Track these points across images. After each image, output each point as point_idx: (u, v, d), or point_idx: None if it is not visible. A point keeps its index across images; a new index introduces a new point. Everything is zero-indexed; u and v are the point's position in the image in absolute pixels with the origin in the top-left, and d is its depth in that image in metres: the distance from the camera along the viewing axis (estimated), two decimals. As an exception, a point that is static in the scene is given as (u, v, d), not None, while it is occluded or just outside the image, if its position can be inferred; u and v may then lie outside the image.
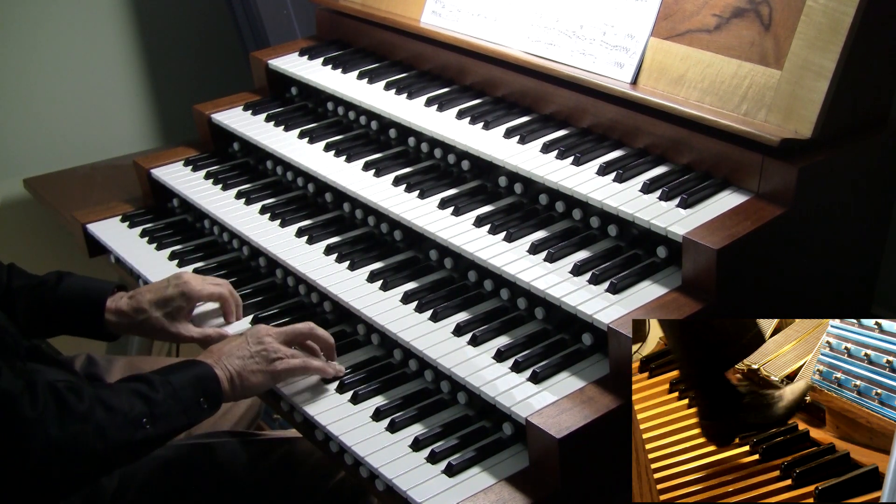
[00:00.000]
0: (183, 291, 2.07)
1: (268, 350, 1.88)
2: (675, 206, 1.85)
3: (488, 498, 1.63)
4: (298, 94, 2.73)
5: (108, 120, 3.55)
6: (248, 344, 1.89)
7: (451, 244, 2.00)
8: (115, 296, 2.08)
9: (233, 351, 1.87)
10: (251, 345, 1.88)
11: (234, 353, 1.87)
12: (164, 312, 2.05)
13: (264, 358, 1.87)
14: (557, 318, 1.89)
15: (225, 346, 1.89)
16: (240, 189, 2.50)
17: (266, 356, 1.88)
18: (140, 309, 2.05)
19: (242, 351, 1.87)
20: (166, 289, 2.07)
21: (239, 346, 1.88)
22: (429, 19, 2.51)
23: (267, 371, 1.87)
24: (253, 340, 1.89)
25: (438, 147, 2.28)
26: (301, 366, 1.90)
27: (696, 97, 1.96)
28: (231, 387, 1.83)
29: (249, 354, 1.87)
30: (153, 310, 2.05)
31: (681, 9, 2.02)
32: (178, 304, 2.06)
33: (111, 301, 2.07)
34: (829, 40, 1.77)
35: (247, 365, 1.86)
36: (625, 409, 1.65)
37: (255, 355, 1.87)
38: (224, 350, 1.88)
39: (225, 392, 1.82)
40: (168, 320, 2.06)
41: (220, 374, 1.82)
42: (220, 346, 1.90)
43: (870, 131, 1.90)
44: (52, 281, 2.07)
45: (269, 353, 1.88)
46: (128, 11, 3.50)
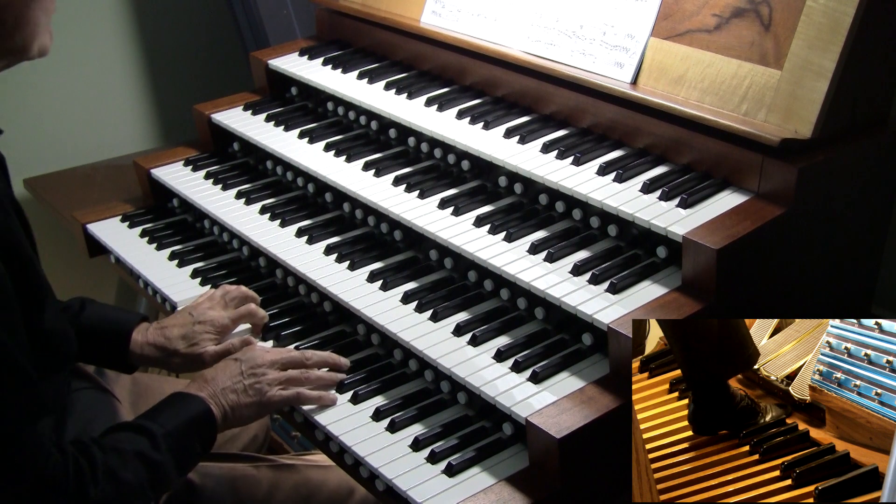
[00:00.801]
0: (214, 325, 2.03)
1: (261, 383, 1.85)
2: (675, 206, 1.84)
3: (488, 498, 1.63)
4: (298, 94, 2.73)
5: (108, 120, 3.55)
6: (242, 376, 1.85)
7: (451, 244, 2.00)
8: (139, 327, 2.05)
9: (227, 384, 1.84)
10: (245, 377, 1.85)
11: (228, 387, 1.83)
12: (191, 347, 2.02)
13: (258, 391, 1.85)
14: (557, 318, 1.89)
15: (219, 377, 1.85)
16: (240, 189, 2.50)
17: (260, 389, 1.85)
18: (170, 345, 2.02)
19: (237, 384, 1.84)
20: (193, 325, 2.03)
21: (233, 378, 1.85)
22: (429, 19, 2.51)
23: (261, 404, 1.85)
24: (248, 370, 1.86)
25: (438, 147, 2.28)
26: (295, 398, 1.86)
27: (696, 97, 1.96)
28: (224, 423, 1.82)
29: (244, 388, 1.84)
30: (183, 346, 2.02)
31: (681, 9, 2.02)
32: (207, 337, 2.03)
33: (137, 333, 2.04)
34: (829, 40, 1.77)
35: (241, 399, 1.83)
36: (625, 409, 1.65)
37: (249, 388, 1.84)
38: (219, 382, 1.84)
39: (217, 429, 1.81)
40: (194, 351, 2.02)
41: (215, 412, 1.80)
42: (214, 376, 1.86)
43: (869, 131, 1.90)
44: (75, 308, 2.05)
45: (263, 385, 1.85)
46: (128, 12, 3.50)
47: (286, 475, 2.08)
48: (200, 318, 2.04)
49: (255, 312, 2.09)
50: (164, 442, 1.70)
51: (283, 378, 1.87)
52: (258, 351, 1.91)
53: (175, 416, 1.76)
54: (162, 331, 2.04)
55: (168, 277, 2.34)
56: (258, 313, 2.09)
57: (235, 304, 2.10)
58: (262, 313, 2.10)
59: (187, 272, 2.36)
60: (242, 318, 2.09)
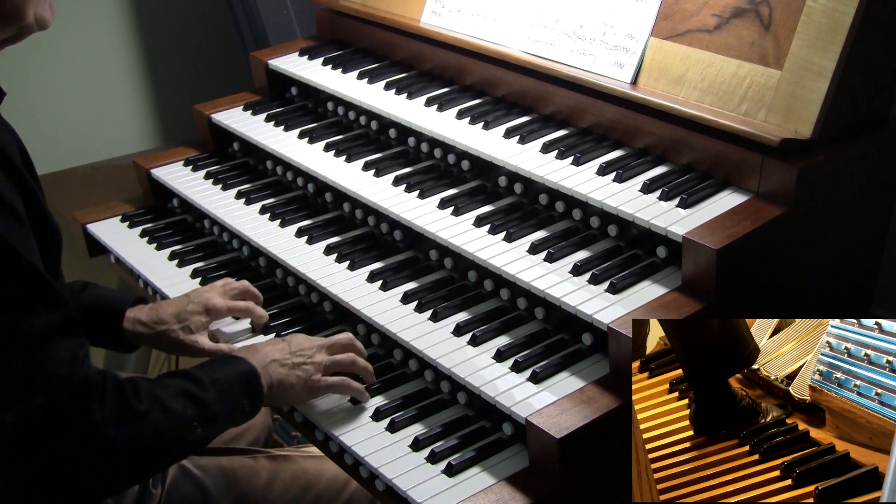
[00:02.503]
0: (206, 307, 2.04)
1: (309, 364, 1.83)
2: (674, 206, 1.84)
3: (488, 498, 1.63)
4: (298, 94, 2.73)
5: (108, 120, 3.55)
6: (290, 354, 1.83)
7: (451, 244, 2.00)
8: (134, 307, 2.06)
9: (276, 356, 1.81)
10: (294, 355, 1.83)
11: (277, 360, 1.81)
12: (182, 326, 2.02)
13: (306, 371, 1.82)
14: (557, 318, 1.89)
15: (267, 348, 1.83)
16: (240, 189, 2.50)
17: (308, 370, 1.82)
18: (160, 320, 2.02)
19: (286, 359, 1.82)
20: (188, 304, 2.04)
21: (281, 354, 1.82)
22: (429, 19, 2.51)
23: (307, 386, 1.82)
24: (296, 350, 1.84)
25: (438, 147, 2.28)
26: (340, 385, 1.84)
27: (696, 97, 1.96)
28: (269, 393, 1.79)
29: (292, 365, 1.81)
30: (173, 322, 2.01)
31: (681, 9, 2.02)
32: (198, 319, 2.03)
33: (131, 311, 2.04)
34: (829, 40, 1.77)
35: (288, 376, 1.80)
36: (625, 409, 1.65)
37: (297, 367, 1.82)
38: (268, 353, 1.81)
39: (264, 397, 1.78)
40: (184, 333, 2.02)
41: (263, 380, 1.77)
42: (262, 348, 1.83)
43: (869, 131, 1.90)
44: (75, 289, 2.06)
45: (311, 367, 1.83)
46: (128, 11, 3.50)
47: (284, 466, 2.09)
48: (195, 299, 2.05)
49: (254, 310, 2.09)
50: (213, 388, 1.69)
51: (330, 362, 1.85)
52: (304, 336, 1.90)
53: (222, 369, 1.75)
54: (156, 308, 2.05)
55: (168, 277, 2.34)
56: (257, 311, 2.09)
57: (235, 295, 2.10)
58: (262, 312, 2.10)
59: (187, 272, 2.36)
60: (240, 312, 2.08)
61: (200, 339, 2.02)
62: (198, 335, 2.02)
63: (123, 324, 2.03)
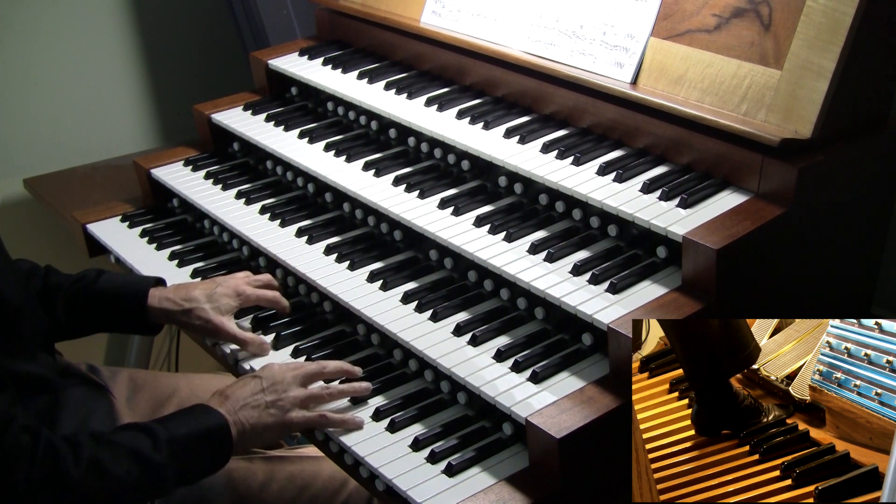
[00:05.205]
0: (236, 291, 2.06)
1: (283, 401, 1.80)
2: (674, 206, 1.85)
3: (488, 498, 1.63)
4: (298, 94, 2.73)
5: (108, 120, 3.55)
6: (263, 392, 1.80)
7: (451, 244, 2.00)
8: (157, 287, 2.09)
9: (246, 400, 1.79)
10: (267, 393, 1.80)
11: (248, 403, 1.78)
12: (213, 306, 2.03)
13: (280, 409, 1.79)
14: (557, 318, 1.89)
15: (238, 392, 1.80)
16: (240, 189, 2.50)
17: (282, 407, 1.79)
18: (190, 298, 2.04)
19: (257, 400, 1.79)
20: (216, 287, 2.07)
21: (253, 394, 1.79)
22: (429, 19, 2.51)
23: (283, 424, 1.80)
24: (268, 387, 1.81)
25: (438, 147, 2.28)
26: (317, 420, 1.81)
27: (696, 97, 1.96)
28: (241, 440, 1.77)
29: (265, 405, 1.79)
30: (204, 301, 2.03)
31: (681, 9, 2.02)
32: (228, 302, 2.05)
33: (154, 290, 2.06)
34: (829, 40, 1.77)
35: (262, 417, 1.78)
36: (625, 409, 1.65)
37: (271, 406, 1.79)
38: (239, 398, 1.79)
39: (234, 447, 1.76)
40: (215, 312, 2.02)
41: (232, 430, 1.75)
42: (234, 392, 1.81)
43: (870, 131, 1.90)
44: (91, 276, 2.08)
45: (286, 403, 1.80)
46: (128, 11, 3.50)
47: (280, 466, 2.09)
48: (224, 283, 2.09)
49: (279, 301, 2.12)
50: (167, 446, 1.67)
51: (305, 396, 1.82)
52: (277, 367, 1.86)
53: (186, 424, 1.72)
54: (183, 287, 2.09)
55: (168, 278, 2.33)
56: (282, 302, 2.13)
57: (260, 286, 2.14)
58: (286, 303, 2.13)
59: (187, 272, 2.36)
60: (266, 300, 2.11)
61: (228, 322, 2.04)
62: (226, 318, 2.04)
63: (149, 301, 2.05)
